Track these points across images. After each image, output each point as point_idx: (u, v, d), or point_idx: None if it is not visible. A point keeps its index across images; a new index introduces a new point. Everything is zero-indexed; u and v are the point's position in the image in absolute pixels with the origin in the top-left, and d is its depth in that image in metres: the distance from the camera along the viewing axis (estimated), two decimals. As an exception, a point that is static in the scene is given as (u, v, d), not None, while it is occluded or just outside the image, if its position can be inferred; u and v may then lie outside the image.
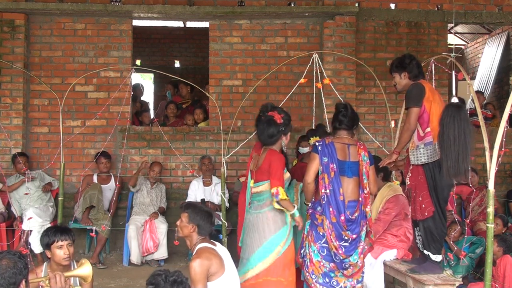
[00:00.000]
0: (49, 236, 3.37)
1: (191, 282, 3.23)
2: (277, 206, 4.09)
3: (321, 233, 4.00)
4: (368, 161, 4.06)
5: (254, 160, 4.35)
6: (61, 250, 3.38)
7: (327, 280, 4.00)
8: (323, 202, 3.99)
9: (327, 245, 3.99)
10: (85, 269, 3.09)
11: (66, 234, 3.43)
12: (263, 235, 4.16)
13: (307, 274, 4.07)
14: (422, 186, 4.16)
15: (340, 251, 3.94)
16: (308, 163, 4.13)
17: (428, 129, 4.10)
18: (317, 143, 4.09)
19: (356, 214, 3.98)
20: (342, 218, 3.94)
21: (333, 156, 4.00)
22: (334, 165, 3.99)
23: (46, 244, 3.36)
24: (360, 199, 4.02)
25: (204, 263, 3.38)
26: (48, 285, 2.85)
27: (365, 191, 4.03)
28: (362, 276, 4.12)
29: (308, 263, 4.05)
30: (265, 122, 4.24)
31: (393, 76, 4.42)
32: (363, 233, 4.02)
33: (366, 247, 4.10)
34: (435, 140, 4.06)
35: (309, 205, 4.17)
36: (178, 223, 3.67)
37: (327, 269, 4.00)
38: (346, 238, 3.95)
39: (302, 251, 4.15)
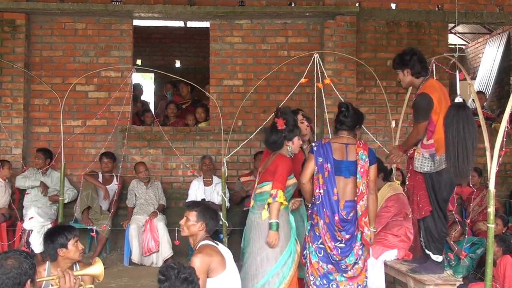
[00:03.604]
0: (66, 235, 3.39)
1: None
2: (265, 214, 4.07)
3: (317, 233, 3.99)
4: (367, 159, 3.97)
5: (264, 163, 4.38)
6: (77, 245, 3.43)
7: (325, 282, 3.95)
8: (317, 202, 3.97)
9: (323, 246, 3.96)
10: (97, 267, 3.12)
11: (75, 230, 3.50)
12: (264, 236, 4.12)
13: (307, 275, 4.05)
14: (419, 186, 4.15)
15: (335, 252, 3.91)
16: (305, 164, 4.13)
17: (431, 141, 4.06)
18: (313, 144, 4.08)
19: (351, 215, 3.94)
20: (336, 218, 3.91)
21: (328, 156, 3.96)
22: (329, 164, 3.95)
23: (62, 244, 3.37)
24: (355, 198, 3.96)
25: (205, 259, 3.42)
26: (58, 283, 2.85)
27: (358, 191, 3.93)
28: (366, 281, 4.04)
29: (308, 264, 4.04)
30: (268, 128, 4.29)
31: (397, 72, 4.33)
32: (358, 233, 3.96)
33: (365, 250, 4.00)
34: (439, 152, 4.02)
35: (310, 206, 4.16)
36: (182, 222, 3.68)
37: (325, 270, 3.97)
38: (339, 239, 3.92)
39: (304, 251, 4.13)
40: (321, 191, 3.95)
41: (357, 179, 3.93)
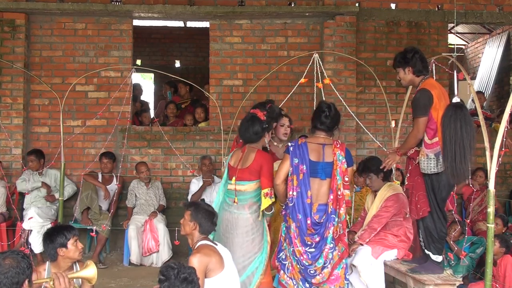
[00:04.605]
0: (65, 234, 3.39)
1: None
2: (266, 211, 4.09)
3: (291, 235, 3.93)
4: (344, 160, 3.90)
5: (236, 156, 4.26)
6: (76, 244, 3.43)
7: (308, 286, 3.88)
8: (290, 204, 3.90)
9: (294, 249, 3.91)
10: (90, 270, 3.08)
11: (75, 229, 3.50)
12: (243, 239, 4.11)
13: (288, 279, 3.95)
14: (419, 186, 4.15)
15: (305, 257, 3.85)
16: (280, 164, 4.06)
17: (436, 139, 4.03)
18: (289, 144, 4.01)
19: (324, 217, 3.87)
20: (309, 222, 3.84)
21: (304, 157, 3.89)
22: (304, 166, 3.88)
23: (61, 244, 3.37)
24: (328, 201, 3.90)
25: (203, 259, 3.43)
26: (53, 286, 2.84)
27: (339, 193, 3.88)
28: (347, 283, 3.95)
29: (290, 267, 3.95)
30: (249, 120, 4.20)
31: (397, 71, 4.30)
32: (329, 236, 3.86)
33: (338, 252, 3.92)
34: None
35: (283, 207, 4.07)
36: (181, 221, 3.72)
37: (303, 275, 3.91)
38: (309, 243, 3.85)
39: (281, 254, 4.05)
40: (295, 193, 3.89)
41: (337, 180, 3.87)
